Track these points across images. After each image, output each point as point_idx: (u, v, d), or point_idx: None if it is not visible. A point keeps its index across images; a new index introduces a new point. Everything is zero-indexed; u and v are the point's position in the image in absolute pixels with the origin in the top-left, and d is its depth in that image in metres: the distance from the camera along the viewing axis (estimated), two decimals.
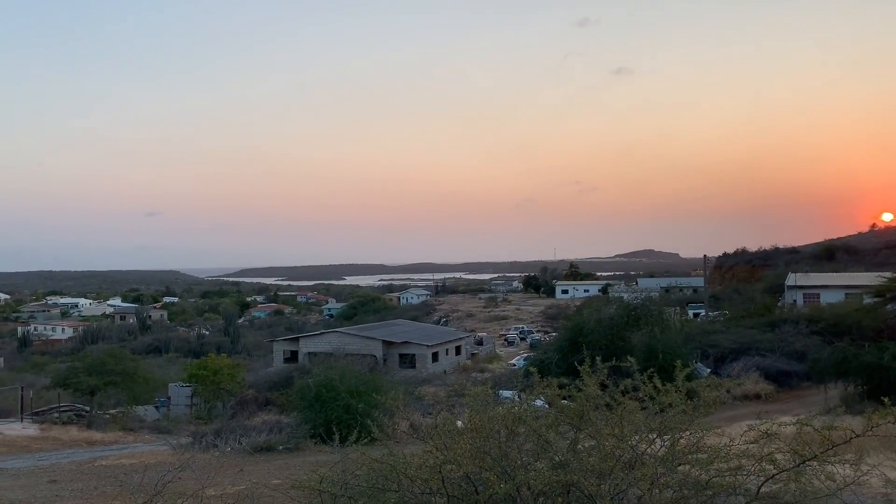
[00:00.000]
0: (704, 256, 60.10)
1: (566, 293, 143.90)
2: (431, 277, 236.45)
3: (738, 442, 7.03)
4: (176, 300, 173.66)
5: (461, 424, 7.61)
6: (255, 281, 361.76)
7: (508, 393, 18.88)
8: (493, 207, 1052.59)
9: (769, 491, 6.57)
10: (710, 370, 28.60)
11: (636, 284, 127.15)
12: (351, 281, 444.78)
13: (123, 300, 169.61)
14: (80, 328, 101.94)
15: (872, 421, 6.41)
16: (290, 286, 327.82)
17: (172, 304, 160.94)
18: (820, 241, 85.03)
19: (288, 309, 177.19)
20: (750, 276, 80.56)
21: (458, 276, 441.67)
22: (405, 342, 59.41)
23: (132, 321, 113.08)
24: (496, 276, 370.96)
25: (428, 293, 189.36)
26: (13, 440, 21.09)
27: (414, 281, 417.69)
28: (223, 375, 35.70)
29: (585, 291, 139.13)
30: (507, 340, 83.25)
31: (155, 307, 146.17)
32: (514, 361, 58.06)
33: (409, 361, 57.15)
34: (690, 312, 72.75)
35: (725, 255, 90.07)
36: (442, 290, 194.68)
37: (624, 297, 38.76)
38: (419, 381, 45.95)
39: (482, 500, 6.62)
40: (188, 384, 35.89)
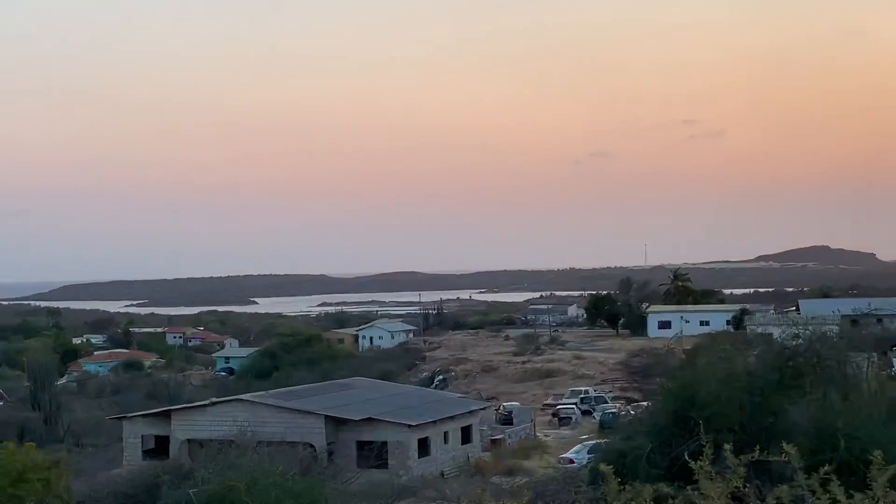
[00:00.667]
0: None
1: (667, 327, 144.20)
2: (417, 299, 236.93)
3: None
4: None
5: None
6: (87, 306, 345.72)
7: None
8: (530, 169, 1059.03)
9: None
10: None
11: (795, 311, 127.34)
12: (267, 305, 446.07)
13: None
14: None
15: None
16: (153, 316, 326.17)
17: None
18: None
19: (150, 359, 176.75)
20: None
21: (465, 294, 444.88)
22: (369, 420, 59.29)
23: None
24: (536, 295, 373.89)
25: (410, 328, 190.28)
26: None
27: (385, 305, 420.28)
28: (30, 486, 35.65)
29: (703, 324, 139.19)
30: (557, 416, 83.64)
31: None
32: (570, 454, 58.04)
33: (376, 455, 56.90)
34: None
35: None
36: (437, 321, 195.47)
37: (774, 334, 38.07)
38: (394, 492, 45.47)
39: None
40: None
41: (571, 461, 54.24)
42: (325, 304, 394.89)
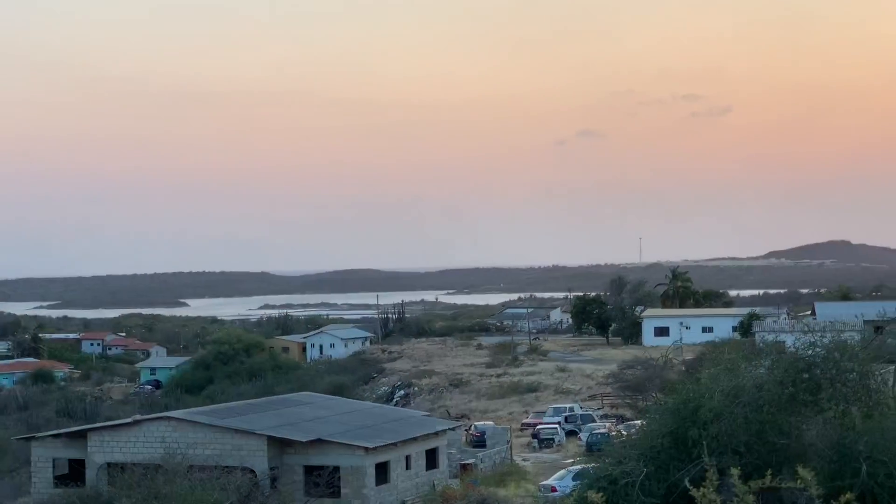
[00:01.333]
0: None
1: (664, 334, 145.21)
2: (374, 301, 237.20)
3: None
4: None
5: None
6: None
7: None
8: (508, 149, 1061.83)
9: None
10: None
11: (811, 315, 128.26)
12: (199, 308, 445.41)
13: None
14: None
15: None
16: (67, 320, 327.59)
17: None
18: None
19: (63, 369, 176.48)
20: None
21: (431, 296, 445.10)
22: (318, 441, 59.25)
23: None
24: (514, 297, 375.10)
25: (367, 334, 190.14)
26: None
27: (337, 308, 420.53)
28: None
29: (706, 331, 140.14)
30: (537, 437, 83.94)
31: None
32: (552, 481, 58.33)
33: (327, 482, 56.90)
34: None
35: None
36: (398, 326, 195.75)
37: (787, 342, 38.40)
38: None
39: None
40: None
41: (554, 489, 54.59)
42: (267, 306, 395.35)
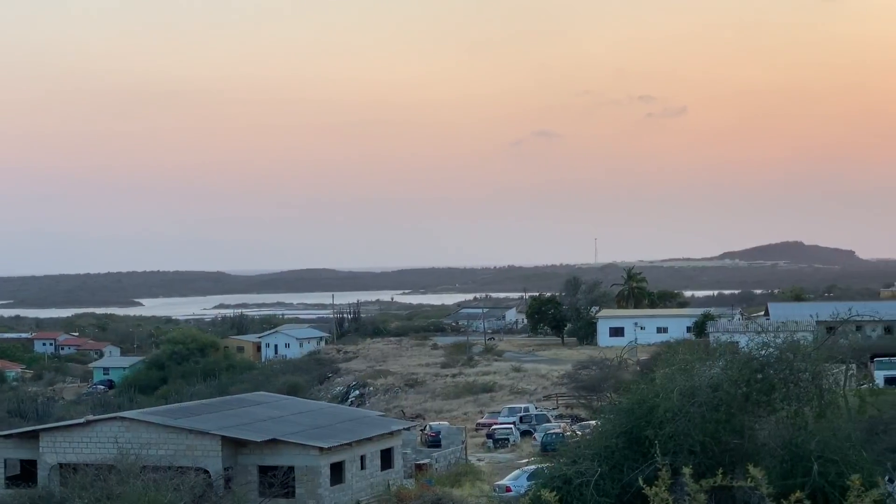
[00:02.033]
0: None
1: (619, 335, 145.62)
2: (330, 301, 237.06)
3: None
4: None
5: None
6: None
7: None
8: (463, 150, 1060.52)
9: None
10: None
11: (765, 315, 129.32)
12: (153, 307, 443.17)
13: None
14: None
15: None
16: (18, 319, 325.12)
17: None
18: None
19: (15, 369, 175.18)
20: None
21: (386, 296, 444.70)
22: (273, 441, 59.14)
23: None
24: (469, 297, 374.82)
25: (322, 334, 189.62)
26: None
27: (292, 308, 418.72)
28: None
29: (661, 331, 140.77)
30: (492, 437, 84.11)
31: None
32: (507, 481, 58.49)
33: (282, 482, 56.77)
34: (879, 375, 74.35)
35: None
36: (353, 326, 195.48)
37: (741, 342, 38.75)
38: None
39: None
40: None
41: (508, 489, 54.73)
42: (222, 305, 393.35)
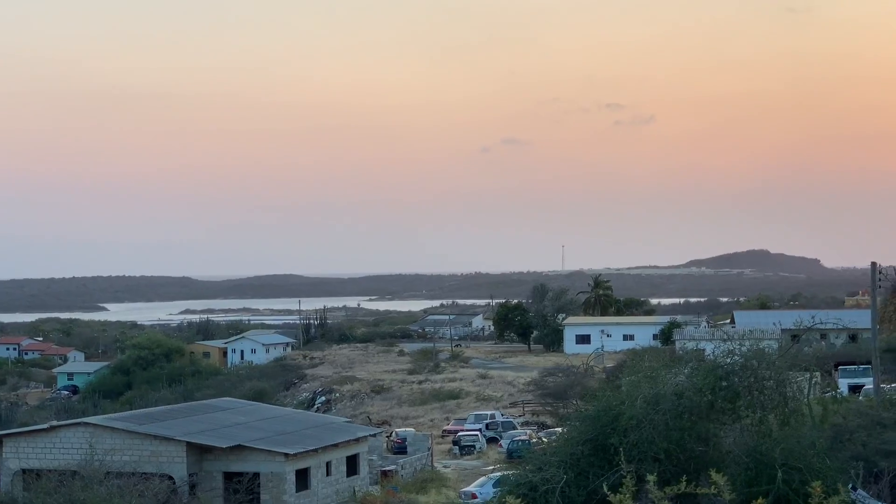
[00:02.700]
0: (874, 267, 62.28)
1: (586, 342, 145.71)
2: (296, 307, 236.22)
3: None
4: None
5: None
6: None
7: None
8: (431, 156, 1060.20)
9: None
10: None
11: (730, 323, 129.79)
12: (119, 312, 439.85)
13: None
14: None
15: None
16: None
17: None
18: None
19: None
20: None
21: (353, 302, 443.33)
22: (238, 447, 58.67)
23: None
24: (436, 303, 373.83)
25: (288, 340, 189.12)
26: None
27: (258, 314, 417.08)
28: None
29: (627, 339, 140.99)
30: (458, 443, 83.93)
31: None
32: (473, 488, 58.37)
33: (247, 489, 56.44)
34: (843, 383, 74.87)
35: None
36: (319, 332, 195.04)
37: (706, 350, 38.95)
38: None
39: None
40: None
41: (474, 496, 54.59)
42: (188, 311, 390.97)
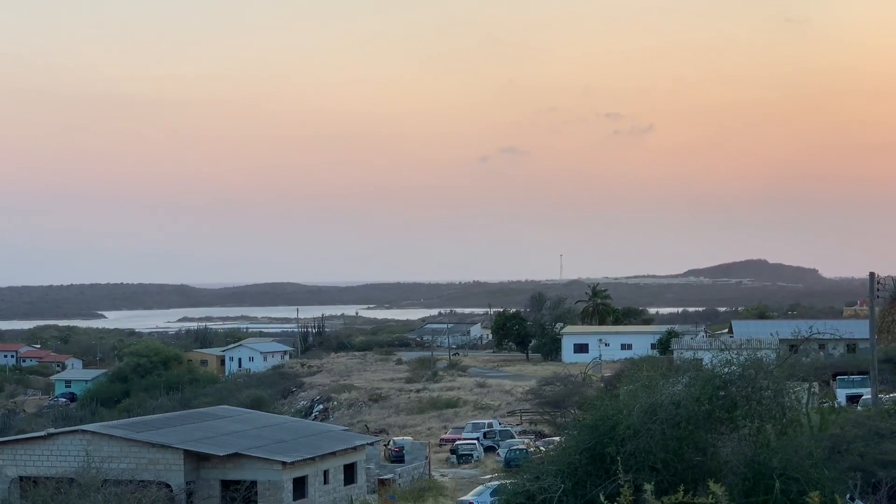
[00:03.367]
0: (873, 277, 62.84)
1: (584, 351, 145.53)
2: (294, 315, 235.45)
3: None
4: None
5: None
6: None
7: None
8: (429, 165, 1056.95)
9: None
10: None
11: (728, 333, 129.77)
12: (116, 320, 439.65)
13: None
14: None
15: None
16: None
17: None
18: None
19: None
20: None
21: (351, 310, 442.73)
22: (236, 455, 58.63)
23: None
24: (434, 312, 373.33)
25: (286, 348, 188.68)
26: None
27: (256, 322, 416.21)
28: None
29: (625, 348, 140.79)
30: (456, 452, 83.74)
31: None
32: (471, 496, 58.23)
33: (244, 497, 56.37)
34: (841, 393, 74.82)
35: None
36: (317, 340, 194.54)
37: (704, 360, 38.90)
38: None
39: None
40: None
41: None
42: (185, 318, 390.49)
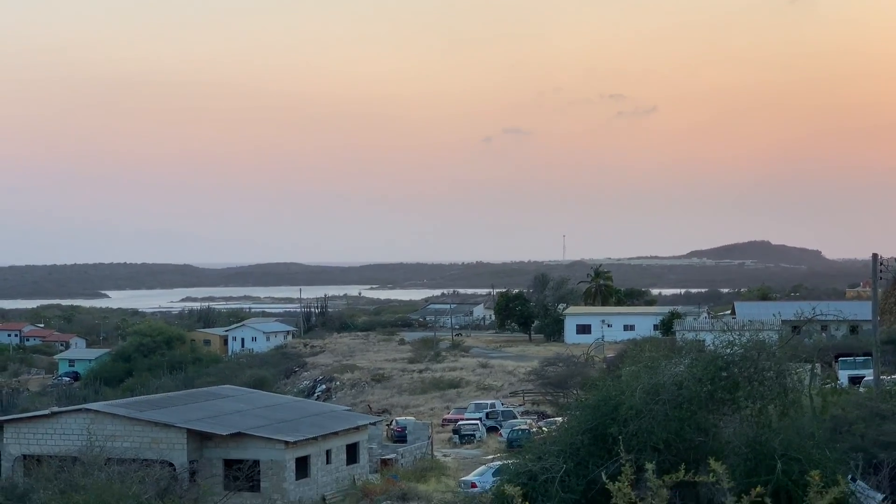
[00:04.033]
0: (876, 259, 62.27)
1: (586, 332, 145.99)
2: (297, 295, 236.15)
3: None
4: None
5: None
6: None
7: None
8: (434, 145, 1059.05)
9: None
10: (883, 496, 30.19)
11: (731, 314, 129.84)
12: (120, 299, 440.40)
13: None
14: None
15: None
16: None
17: None
18: None
19: None
20: None
21: (353, 291, 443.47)
22: (239, 435, 58.97)
23: None
24: (437, 292, 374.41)
25: (289, 328, 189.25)
26: None
27: (259, 302, 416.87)
28: None
29: (627, 329, 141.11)
30: (458, 432, 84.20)
31: None
32: (473, 476, 58.48)
33: (247, 476, 56.63)
34: (843, 374, 75.02)
35: None
36: (320, 321, 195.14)
37: (706, 341, 38.91)
38: None
39: None
40: None
41: (474, 485, 54.61)
42: (189, 298, 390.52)
